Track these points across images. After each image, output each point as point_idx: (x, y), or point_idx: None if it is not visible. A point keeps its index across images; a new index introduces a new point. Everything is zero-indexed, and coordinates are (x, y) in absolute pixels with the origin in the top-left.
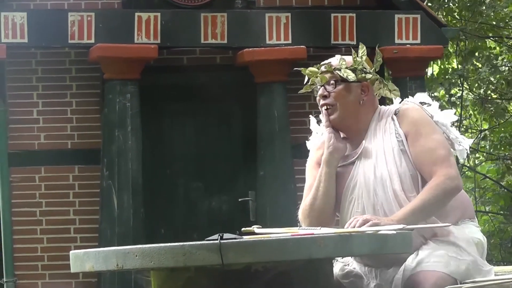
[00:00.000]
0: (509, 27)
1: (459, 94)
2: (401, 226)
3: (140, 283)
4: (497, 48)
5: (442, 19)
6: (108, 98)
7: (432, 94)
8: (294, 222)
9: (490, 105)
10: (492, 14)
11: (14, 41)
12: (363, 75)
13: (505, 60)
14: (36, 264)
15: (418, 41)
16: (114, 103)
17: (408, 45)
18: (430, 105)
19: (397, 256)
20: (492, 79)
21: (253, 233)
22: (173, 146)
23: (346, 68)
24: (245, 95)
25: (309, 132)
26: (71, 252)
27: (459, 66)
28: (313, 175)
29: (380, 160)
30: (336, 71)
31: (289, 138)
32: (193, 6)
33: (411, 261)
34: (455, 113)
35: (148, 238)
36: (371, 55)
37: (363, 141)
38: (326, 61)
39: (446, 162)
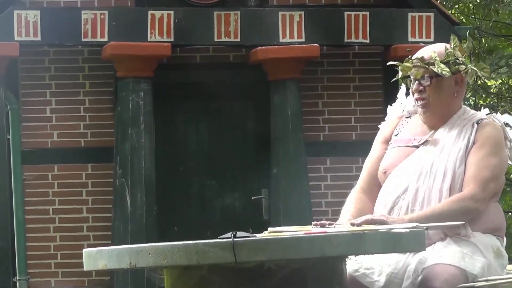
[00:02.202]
0: None
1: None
2: (414, 224)
3: (153, 281)
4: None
5: (455, 18)
6: (121, 96)
7: None
8: (307, 220)
9: (504, 105)
10: (506, 12)
11: (27, 39)
12: (456, 67)
13: None
14: (49, 262)
15: (432, 39)
16: (127, 101)
17: (421, 43)
18: None
19: None
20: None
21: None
22: (187, 144)
23: (440, 62)
24: (258, 93)
25: (322, 130)
26: (84, 250)
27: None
28: (376, 149)
29: (443, 154)
30: (431, 67)
31: (303, 136)
32: (206, 4)
33: (426, 254)
34: None
35: (161, 236)
36: (385, 53)
37: (432, 131)
38: (417, 55)
39: (482, 183)
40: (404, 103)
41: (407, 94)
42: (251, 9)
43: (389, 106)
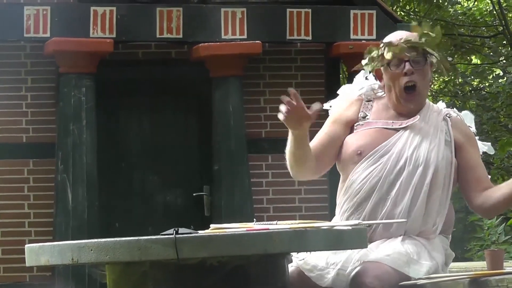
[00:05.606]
0: (464, 25)
1: None
2: (356, 221)
3: (94, 277)
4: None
5: (398, 15)
6: (63, 92)
7: None
8: (249, 217)
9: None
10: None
11: None
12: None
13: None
14: None
15: (374, 36)
16: (69, 97)
17: (363, 41)
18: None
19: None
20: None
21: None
22: (129, 140)
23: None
24: (200, 89)
25: (264, 126)
26: (26, 246)
27: None
28: (324, 130)
29: (424, 144)
30: (426, 49)
31: (244, 132)
32: (149, 1)
33: (374, 249)
34: None
35: (103, 232)
36: (327, 50)
37: (417, 116)
38: (402, 36)
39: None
40: (361, 86)
41: (366, 78)
42: (194, 5)
43: (343, 86)
